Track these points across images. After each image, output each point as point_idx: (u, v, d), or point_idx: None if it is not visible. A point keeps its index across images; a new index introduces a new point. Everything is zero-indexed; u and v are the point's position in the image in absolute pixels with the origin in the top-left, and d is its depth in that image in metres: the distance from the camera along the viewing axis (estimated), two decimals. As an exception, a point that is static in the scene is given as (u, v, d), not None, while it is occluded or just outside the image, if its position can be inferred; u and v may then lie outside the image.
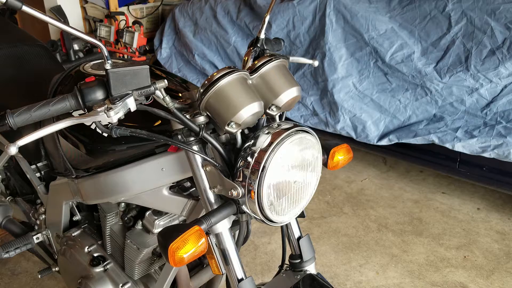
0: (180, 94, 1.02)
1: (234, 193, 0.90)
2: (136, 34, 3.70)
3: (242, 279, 0.97)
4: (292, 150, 0.92)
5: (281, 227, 1.19)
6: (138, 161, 1.11)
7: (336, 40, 2.79)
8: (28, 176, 1.62)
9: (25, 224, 1.78)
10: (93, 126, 1.12)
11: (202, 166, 0.96)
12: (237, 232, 1.10)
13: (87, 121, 0.81)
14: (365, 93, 2.75)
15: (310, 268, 1.18)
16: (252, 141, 0.91)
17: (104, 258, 1.38)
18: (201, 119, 0.91)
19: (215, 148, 0.93)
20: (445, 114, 2.51)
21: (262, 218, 0.93)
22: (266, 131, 0.93)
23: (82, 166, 1.24)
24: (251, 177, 0.89)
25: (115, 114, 0.80)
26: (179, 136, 0.94)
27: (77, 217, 1.50)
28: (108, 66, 0.80)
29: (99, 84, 0.82)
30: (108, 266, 1.36)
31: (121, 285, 1.33)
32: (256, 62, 0.98)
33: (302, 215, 1.07)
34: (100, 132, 1.08)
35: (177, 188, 1.17)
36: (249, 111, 0.88)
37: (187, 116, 0.90)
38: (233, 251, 0.98)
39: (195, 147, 0.94)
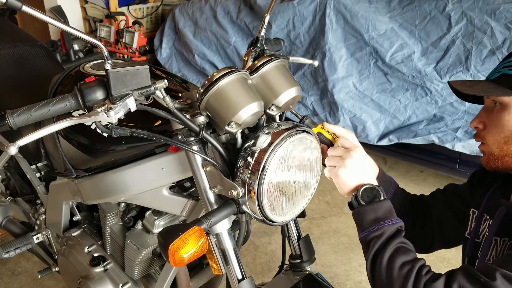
0: (180, 94, 1.02)
1: (234, 193, 0.90)
2: (136, 34, 3.70)
3: (242, 279, 0.97)
4: (292, 150, 0.92)
5: (281, 227, 1.19)
6: (138, 161, 1.10)
7: (336, 40, 2.79)
8: (28, 176, 1.62)
9: (25, 224, 1.78)
10: (93, 126, 1.12)
11: (202, 166, 0.95)
12: (237, 232, 1.10)
13: (87, 121, 0.80)
14: (365, 93, 2.75)
15: (310, 268, 1.18)
16: (252, 141, 0.91)
17: (104, 258, 1.38)
18: (201, 119, 0.90)
19: (215, 148, 0.93)
20: (445, 114, 2.51)
21: (262, 218, 0.94)
22: (266, 131, 0.93)
23: (82, 166, 1.24)
24: (251, 177, 0.89)
25: (115, 114, 0.80)
26: (179, 136, 0.94)
27: (77, 217, 1.50)
28: (108, 66, 0.80)
29: (99, 84, 0.82)
30: (108, 266, 1.36)
31: (121, 285, 1.33)
32: (256, 62, 0.98)
33: (302, 215, 1.07)
34: (100, 132, 1.08)
35: (177, 188, 1.17)
36: (249, 111, 0.88)
37: (187, 116, 0.90)
38: (233, 251, 0.98)
39: (195, 147, 0.94)
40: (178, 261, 0.84)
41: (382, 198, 0.95)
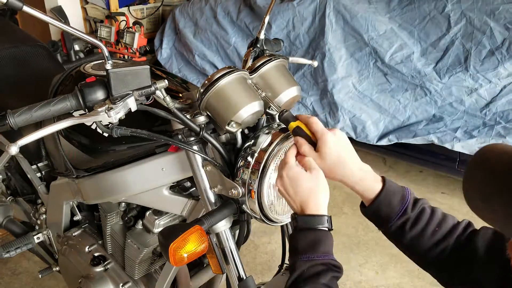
0: (180, 94, 1.02)
1: (235, 192, 0.90)
2: (137, 34, 3.70)
3: (242, 279, 0.98)
4: (292, 150, 0.92)
5: (281, 226, 1.20)
6: (139, 161, 1.11)
7: (335, 41, 2.80)
8: (28, 176, 1.63)
9: (25, 224, 1.78)
10: (93, 126, 1.13)
11: (202, 166, 0.96)
12: (237, 232, 1.11)
13: (87, 121, 0.81)
14: (365, 94, 2.75)
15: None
16: (252, 141, 0.92)
17: (105, 257, 1.39)
18: (201, 119, 0.91)
19: (215, 148, 0.94)
20: (445, 114, 2.52)
21: (262, 218, 0.94)
22: (266, 131, 0.93)
23: (83, 166, 1.25)
24: (251, 177, 0.89)
25: (116, 114, 0.81)
26: (180, 136, 0.95)
27: (78, 217, 1.51)
28: (108, 66, 0.80)
29: (100, 84, 0.82)
30: (108, 266, 1.37)
31: (121, 284, 1.34)
32: (255, 62, 0.98)
33: (302, 214, 1.07)
34: (100, 132, 1.08)
35: (177, 188, 1.17)
36: (249, 110, 0.88)
37: (188, 116, 0.90)
38: (233, 251, 0.99)
39: (195, 147, 0.94)
40: (178, 260, 0.84)
41: (316, 227, 0.80)
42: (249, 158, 0.90)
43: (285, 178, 0.83)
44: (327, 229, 0.81)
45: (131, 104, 0.83)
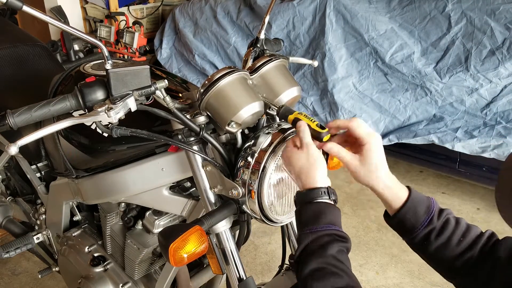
0: (180, 94, 1.02)
1: (235, 193, 0.90)
2: (136, 34, 3.70)
3: (242, 279, 0.98)
4: (292, 150, 0.92)
5: (281, 227, 1.20)
6: (138, 161, 1.11)
7: (336, 41, 2.79)
8: (28, 176, 1.63)
9: (25, 224, 1.78)
10: (93, 126, 1.12)
11: (202, 166, 0.96)
12: (237, 232, 1.11)
13: (87, 121, 0.81)
14: (365, 93, 2.75)
15: (310, 268, 1.18)
16: (253, 141, 0.92)
17: (105, 258, 1.38)
18: (201, 119, 0.91)
19: (215, 148, 0.94)
20: (445, 114, 2.51)
21: (263, 218, 0.94)
22: (267, 131, 0.93)
23: (82, 166, 1.24)
24: (252, 177, 0.89)
25: (116, 114, 0.81)
26: (179, 136, 0.94)
27: (77, 217, 1.50)
28: (108, 66, 0.80)
29: (100, 84, 0.82)
30: (108, 266, 1.36)
31: (121, 285, 1.33)
32: (256, 62, 0.98)
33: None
34: (100, 132, 1.08)
35: (177, 188, 1.17)
36: (249, 110, 0.88)
37: (188, 116, 0.90)
38: (233, 251, 0.99)
39: (195, 147, 0.94)
40: (178, 260, 0.84)
41: (314, 200, 0.80)
42: (249, 158, 0.90)
43: (284, 159, 0.86)
44: (327, 200, 0.81)
45: (131, 104, 0.83)
